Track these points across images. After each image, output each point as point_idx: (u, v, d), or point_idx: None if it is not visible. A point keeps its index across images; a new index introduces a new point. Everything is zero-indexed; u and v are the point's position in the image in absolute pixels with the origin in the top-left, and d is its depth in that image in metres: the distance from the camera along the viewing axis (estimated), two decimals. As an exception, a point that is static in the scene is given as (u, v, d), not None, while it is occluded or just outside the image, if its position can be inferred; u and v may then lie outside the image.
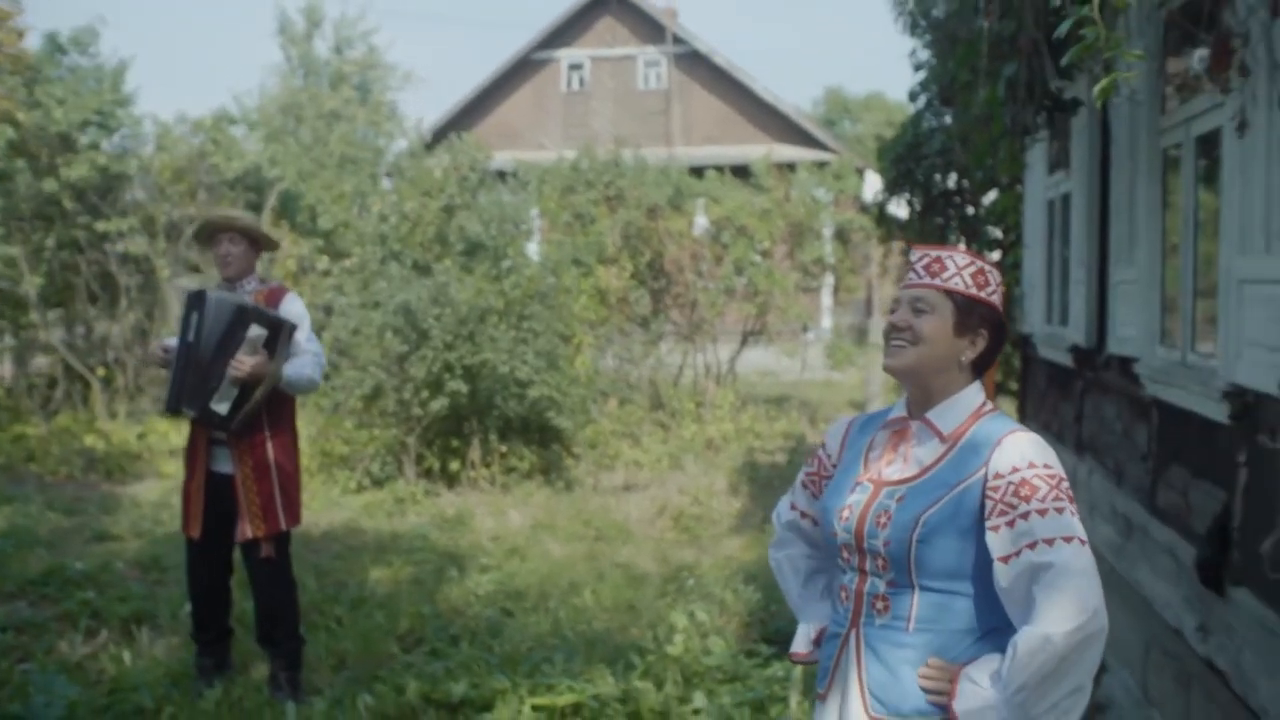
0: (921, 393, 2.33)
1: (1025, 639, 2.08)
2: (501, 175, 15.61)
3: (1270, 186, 3.67)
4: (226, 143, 13.34)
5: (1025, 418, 8.75)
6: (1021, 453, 2.19)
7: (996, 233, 10.24)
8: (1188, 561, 4.42)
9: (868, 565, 2.29)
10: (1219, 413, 4.11)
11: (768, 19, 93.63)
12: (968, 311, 2.30)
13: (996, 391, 10.31)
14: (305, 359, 5.26)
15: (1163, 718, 4.63)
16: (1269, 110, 3.52)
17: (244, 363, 5.02)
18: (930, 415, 2.32)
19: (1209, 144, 4.63)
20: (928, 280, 2.33)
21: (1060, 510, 2.14)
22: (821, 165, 18.82)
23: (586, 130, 24.96)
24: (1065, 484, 2.19)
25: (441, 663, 5.58)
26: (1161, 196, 5.30)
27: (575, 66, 26.56)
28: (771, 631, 6.46)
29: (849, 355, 17.77)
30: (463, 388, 10.17)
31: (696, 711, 4.78)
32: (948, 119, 9.88)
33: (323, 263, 11.03)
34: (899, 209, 11.51)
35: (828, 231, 18.04)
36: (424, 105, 69.86)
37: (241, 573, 5.55)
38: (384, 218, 11.54)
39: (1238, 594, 3.94)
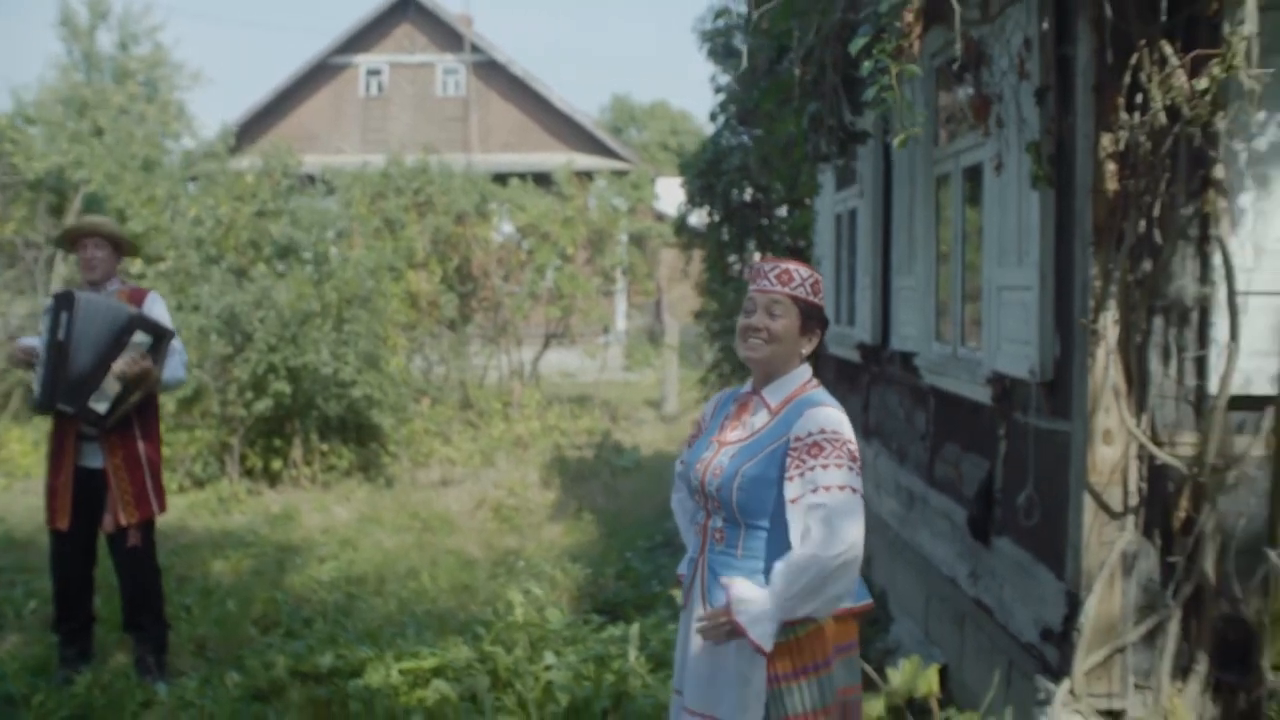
0: (765, 376, 2.98)
1: (799, 557, 2.72)
2: (311, 179, 15.69)
3: (1021, 214, 4.49)
4: (25, 142, 12.95)
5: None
6: (816, 421, 2.81)
7: (788, 240, 11.10)
8: (960, 521, 5.25)
9: (710, 506, 2.95)
10: (984, 396, 4.93)
11: (557, 16, 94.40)
12: (809, 315, 2.95)
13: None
14: (174, 359, 5.55)
15: (943, 652, 5.47)
16: (1019, 155, 4.34)
17: (129, 368, 5.29)
18: (764, 392, 2.97)
19: (975, 172, 5.46)
20: (779, 288, 2.91)
21: (839, 466, 2.74)
22: (620, 174, 19.62)
23: (385, 135, 24.99)
24: (849, 447, 2.78)
25: (302, 641, 5.86)
26: (936, 214, 6.10)
27: (374, 72, 26.42)
28: (601, 602, 7.06)
29: (647, 357, 18.62)
30: (286, 389, 10.38)
31: (548, 668, 5.23)
32: (745, 137, 10.73)
33: (136, 266, 10.98)
34: (699, 220, 12.30)
35: (624, 238, 18.86)
36: (214, 106, 67.42)
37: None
38: (199, 221, 11.57)
39: (1000, 543, 4.80)
